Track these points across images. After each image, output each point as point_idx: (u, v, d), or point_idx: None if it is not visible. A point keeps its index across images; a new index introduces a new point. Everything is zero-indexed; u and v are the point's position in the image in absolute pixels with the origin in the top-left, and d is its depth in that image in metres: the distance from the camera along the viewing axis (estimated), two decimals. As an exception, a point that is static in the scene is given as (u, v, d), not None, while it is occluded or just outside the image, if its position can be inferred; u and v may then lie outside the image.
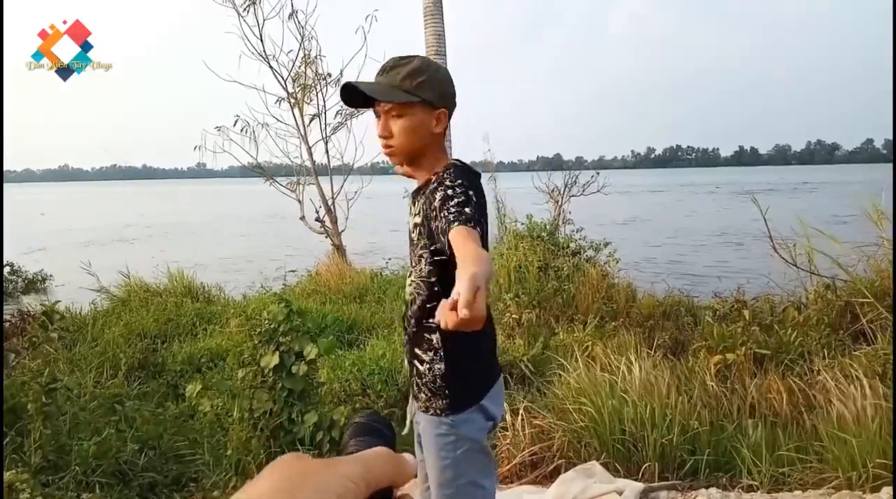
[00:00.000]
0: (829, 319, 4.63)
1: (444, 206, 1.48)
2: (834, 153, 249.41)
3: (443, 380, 1.61)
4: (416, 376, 1.67)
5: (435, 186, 1.55)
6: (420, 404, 1.67)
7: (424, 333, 1.64)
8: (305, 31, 9.05)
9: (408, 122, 1.59)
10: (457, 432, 1.61)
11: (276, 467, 0.38)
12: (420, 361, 1.65)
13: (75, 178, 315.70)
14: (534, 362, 4.59)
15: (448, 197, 1.48)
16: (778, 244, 5.29)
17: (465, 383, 1.63)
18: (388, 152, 1.65)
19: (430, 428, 1.64)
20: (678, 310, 6.02)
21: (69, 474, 3.03)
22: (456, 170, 1.57)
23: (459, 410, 1.61)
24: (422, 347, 1.65)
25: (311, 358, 3.46)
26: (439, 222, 1.48)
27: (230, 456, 3.29)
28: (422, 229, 1.61)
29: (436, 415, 1.62)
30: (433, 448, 1.63)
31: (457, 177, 1.54)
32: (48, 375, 3.18)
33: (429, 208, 1.55)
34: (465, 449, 1.61)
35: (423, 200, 1.61)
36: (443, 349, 1.62)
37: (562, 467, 3.11)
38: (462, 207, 1.45)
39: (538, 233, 7.30)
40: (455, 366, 1.62)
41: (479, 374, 1.67)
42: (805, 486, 2.88)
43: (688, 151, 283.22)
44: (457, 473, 1.60)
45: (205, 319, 6.36)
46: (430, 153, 1.66)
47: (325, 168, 9.62)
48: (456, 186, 1.51)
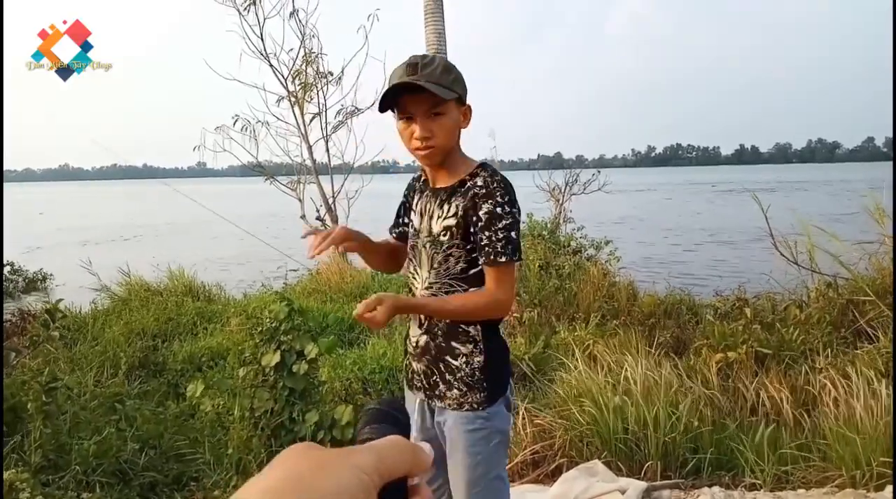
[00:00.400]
0: (831, 317, 4.62)
1: (492, 223, 1.53)
2: (835, 152, 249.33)
3: (481, 372, 1.62)
4: (447, 372, 1.64)
5: (482, 192, 1.55)
6: (450, 402, 1.64)
7: (461, 325, 1.63)
8: (306, 29, 9.06)
9: (447, 120, 1.58)
10: (491, 425, 1.62)
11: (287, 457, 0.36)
12: (455, 354, 1.63)
13: (76, 177, 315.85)
14: (535, 361, 4.58)
15: (497, 215, 1.53)
16: (779, 242, 5.28)
17: (499, 374, 1.65)
18: (429, 153, 1.59)
19: (460, 425, 1.62)
20: (679, 308, 6.02)
21: (69, 473, 3.02)
22: (504, 183, 1.58)
23: (493, 402, 1.63)
24: (459, 340, 1.63)
25: (312, 357, 3.46)
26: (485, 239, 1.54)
27: (231, 455, 3.28)
28: (455, 231, 1.60)
29: (471, 409, 1.61)
30: (464, 444, 1.61)
31: (506, 191, 1.56)
32: (48, 374, 3.17)
33: (472, 214, 1.56)
34: (497, 442, 1.63)
35: (460, 202, 1.59)
36: (482, 342, 1.62)
37: (564, 465, 3.10)
38: (510, 230, 1.53)
39: (539, 232, 7.30)
40: (492, 356, 1.64)
41: (508, 364, 1.72)
42: (808, 484, 2.87)
43: (688, 150, 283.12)
44: (487, 468, 1.61)
45: (205, 318, 6.36)
46: (456, 151, 1.66)
47: (325, 167, 9.61)
48: (506, 203, 1.54)
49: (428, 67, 1.53)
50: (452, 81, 1.56)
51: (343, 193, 9.45)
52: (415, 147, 1.60)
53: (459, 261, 1.61)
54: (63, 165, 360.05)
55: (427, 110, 1.56)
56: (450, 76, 1.56)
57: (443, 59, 1.58)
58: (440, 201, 1.65)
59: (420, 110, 1.56)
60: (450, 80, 1.55)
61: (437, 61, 1.56)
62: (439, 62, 1.56)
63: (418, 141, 1.57)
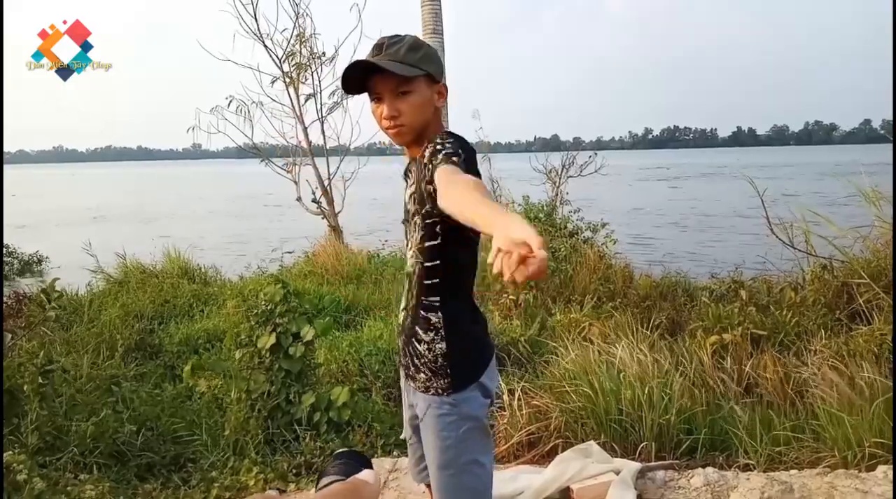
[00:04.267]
0: (826, 299, 4.63)
1: (431, 160, 1.46)
2: (832, 133, 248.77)
3: (444, 359, 1.60)
4: (415, 356, 1.64)
5: (426, 149, 1.53)
6: (419, 384, 1.65)
7: (422, 312, 1.62)
8: (300, 9, 8.94)
9: (416, 98, 1.56)
10: (459, 410, 1.60)
11: None
12: (419, 340, 1.63)
13: (70, 159, 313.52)
14: (531, 343, 4.60)
15: (436, 151, 1.47)
16: (774, 225, 5.28)
17: (465, 361, 1.62)
18: (397, 132, 1.58)
19: (429, 408, 1.62)
20: (675, 291, 6.03)
21: (66, 454, 3.03)
22: (451, 135, 1.56)
23: (461, 388, 1.60)
24: (421, 326, 1.62)
25: (307, 339, 3.46)
26: (429, 174, 1.47)
27: (228, 437, 3.30)
28: (416, 197, 1.59)
29: (437, 394, 1.61)
30: (434, 429, 1.61)
31: (446, 136, 1.53)
32: (44, 356, 3.17)
33: (421, 170, 1.53)
34: (467, 428, 1.60)
35: (416, 167, 1.59)
36: (443, 329, 1.61)
37: (559, 446, 3.12)
38: (451, 155, 1.44)
39: (535, 214, 7.29)
40: (455, 344, 1.61)
41: (477, 351, 1.67)
42: (801, 465, 2.90)
43: (685, 132, 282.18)
44: (458, 452, 1.59)
45: (201, 300, 6.35)
46: (431, 129, 1.63)
47: (321, 149, 9.54)
48: (446, 142, 1.49)
49: (393, 47, 1.52)
50: (420, 59, 1.54)
51: (339, 175, 9.40)
52: (385, 127, 1.59)
53: (418, 228, 1.59)
54: (57, 147, 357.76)
55: (393, 89, 1.54)
56: (416, 54, 1.54)
57: (412, 39, 1.56)
58: (406, 174, 1.68)
59: (386, 90, 1.55)
60: (416, 59, 1.53)
61: (405, 41, 1.54)
62: (407, 41, 1.54)
63: (386, 120, 1.57)
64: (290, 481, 3.03)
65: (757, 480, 2.71)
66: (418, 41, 1.58)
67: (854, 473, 2.71)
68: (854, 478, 2.66)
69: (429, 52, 1.58)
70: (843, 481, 2.64)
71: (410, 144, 1.64)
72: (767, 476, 2.74)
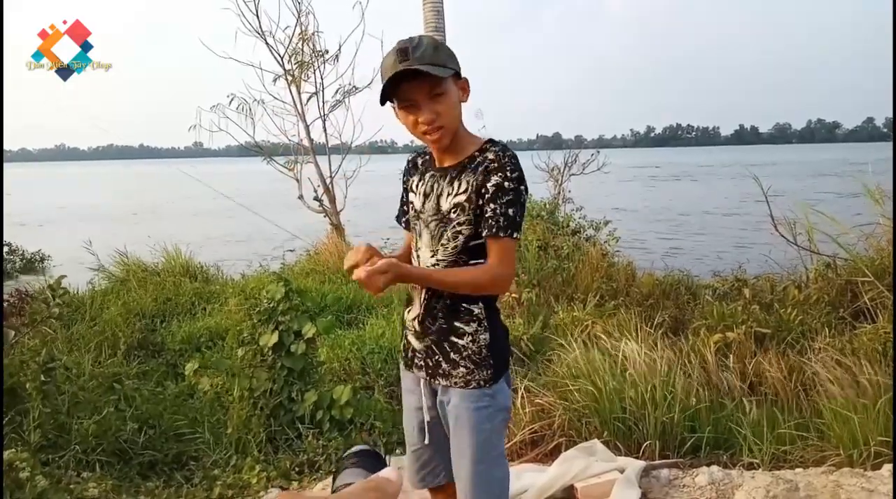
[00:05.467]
0: (830, 297, 4.62)
1: (498, 196, 1.51)
2: (834, 132, 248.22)
3: (487, 349, 1.62)
4: (452, 351, 1.62)
5: (493, 166, 1.53)
6: (456, 380, 1.62)
7: (464, 304, 1.62)
8: (302, 6, 8.92)
9: (450, 99, 1.56)
10: (495, 402, 1.63)
11: None
12: (460, 334, 1.62)
13: (72, 157, 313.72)
14: (534, 341, 4.59)
15: (504, 189, 1.52)
16: (778, 223, 5.26)
17: (501, 352, 1.66)
18: (440, 135, 1.56)
19: (467, 403, 1.61)
20: (678, 289, 6.01)
21: (69, 452, 3.03)
22: (514, 158, 1.56)
23: (498, 378, 1.64)
24: (462, 319, 1.62)
25: (309, 337, 3.46)
26: (489, 211, 1.53)
27: (230, 435, 3.29)
28: (466, 206, 1.57)
29: (478, 387, 1.61)
30: (470, 423, 1.61)
31: (515, 167, 1.54)
32: (46, 354, 3.16)
33: (480, 188, 1.55)
34: (500, 419, 1.65)
35: (471, 178, 1.57)
36: (486, 319, 1.62)
37: (562, 445, 3.11)
38: (513, 205, 1.51)
39: (538, 212, 7.28)
40: (496, 335, 1.64)
41: (507, 342, 1.72)
42: (806, 463, 2.88)
43: (688, 130, 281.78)
44: (492, 444, 1.63)
45: (203, 298, 6.35)
46: (461, 128, 1.64)
47: (323, 147, 9.53)
48: (514, 178, 1.53)
49: (419, 49, 1.50)
50: (446, 58, 1.53)
51: (341, 174, 9.38)
52: (423, 131, 1.56)
53: (462, 235, 1.59)
54: (59, 145, 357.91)
55: (428, 93, 1.52)
56: (442, 54, 1.53)
57: (429, 39, 1.55)
58: (450, 179, 1.62)
59: (421, 95, 1.53)
60: (443, 58, 1.52)
61: (426, 41, 1.52)
62: (428, 42, 1.52)
63: (425, 125, 1.54)
64: (292, 480, 3.02)
65: (762, 478, 2.69)
66: (435, 40, 1.56)
67: (859, 471, 2.70)
68: (859, 476, 2.65)
69: (448, 50, 1.57)
70: (849, 480, 2.63)
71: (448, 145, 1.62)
72: (772, 475, 2.73)
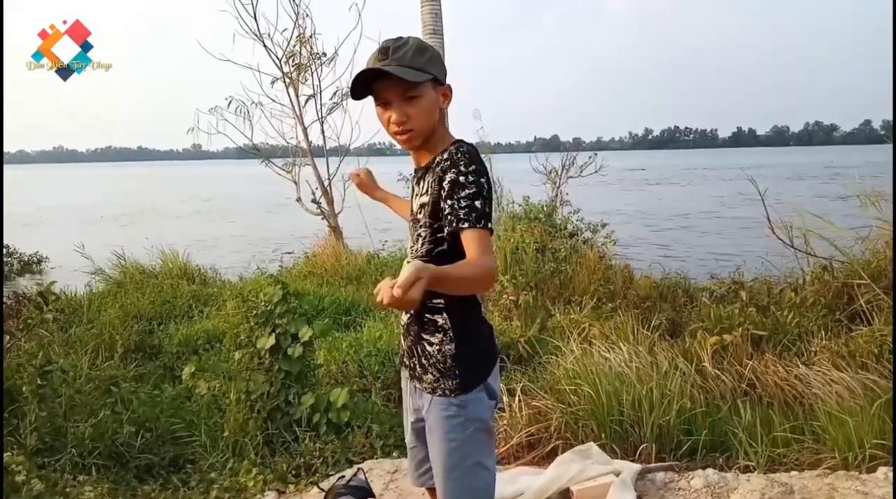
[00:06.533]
0: (826, 300, 4.62)
1: (454, 192, 1.46)
2: (832, 134, 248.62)
3: (452, 360, 1.59)
4: (423, 356, 1.63)
5: (447, 165, 1.51)
6: (426, 385, 1.63)
7: (427, 314, 1.61)
8: (300, 9, 8.93)
9: (424, 102, 1.54)
10: (466, 412, 1.60)
11: None
12: (428, 342, 1.62)
13: (70, 159, 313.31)
14: (531, 344, 4.59)
15: (460, 184, 1.46)
16: (775, 226, 5.27)
17: (473, 362, 1.62)
18: (408, 137, 1.57)
19: (436, 410, 1.61)
20: (675, 291, 6.02)
21: (65, 455, 3.03)
22: (469, 153, 1.53)
23: (468, 389, 1.60)
24: (428, 329, 1.61)
25: (306, 340, 3.46)
26: (447, 208, 1.47)
27: (227, 438, 3.29)
28: (427, 210, 1.57)
29: (444, 396, 1.60)
30: (440, 430, 1.60)
31: (470, 161, 1.50)
32: (43, 357, 3.16)
33: (437, 187, 1.52)
34: (473, 429, 1.60)
35: (431, 178, 1.56)
36: (452, 330, 1.60)
37: (559, 448, 3.11)
38: (473, 199, 1.45)
39: (535, 214, 7.28)
40: (463, 345, 1.60)
41: (484, 352, 1.67)
42: (801, 466, 2.89)
43: (685, 133, 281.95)
44: (464, 454, 1.59)
45: (201, 301, 6.35)
46: (438, 132, 1.63)
47: (320, 149, 9.54)
48: (470, 172, 1.48)
49: (399, 51, 1.50)
50: (426, 62, 1.53)
51: (339, 176, 9.39)
52: (393, 132, 1.58)
53: (423, 241, 1.59)
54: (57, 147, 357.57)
55: (401, 94, 1.52)
56: (423, 58, 1.52)
57: (416, 41, 1.54)
58: (418, 179, 1.65)
59: (394, 95, 1.53)
60: (423, 62, 1.52)
61: (410, 43, 1.52)
62: (412, 44, 1.52)
63: (395, 126, 1.55)
64: (289, 483, 3.02)
65: (757, 481, 2.70)
66: (423, 43, 1.56)
67: (855, 474, 2.71)
68: (855, 479, 2.66)
69: (434, 55, 1.56)
70: (844, 483, 2.64)
71: (419, 148, 1.63)
72: (768, 478, 2.73)
